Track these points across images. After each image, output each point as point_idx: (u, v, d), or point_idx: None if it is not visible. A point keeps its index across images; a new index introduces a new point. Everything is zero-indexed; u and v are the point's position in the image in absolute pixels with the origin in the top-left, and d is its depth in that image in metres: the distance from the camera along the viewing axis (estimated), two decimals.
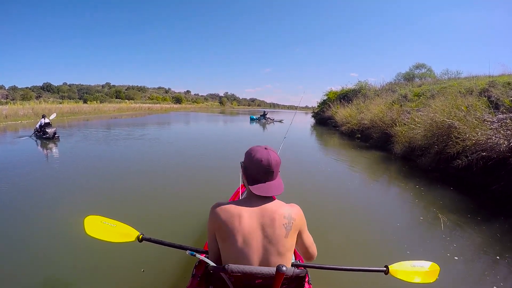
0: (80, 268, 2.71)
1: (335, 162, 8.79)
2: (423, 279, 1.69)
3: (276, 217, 1.31)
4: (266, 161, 1.35)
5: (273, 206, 1.35)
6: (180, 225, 3.71)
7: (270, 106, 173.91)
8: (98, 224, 1.74)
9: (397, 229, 3.94)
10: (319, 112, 27.48)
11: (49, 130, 10.56)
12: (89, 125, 18.32)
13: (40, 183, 5.42)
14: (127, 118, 26.53)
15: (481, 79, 11.29)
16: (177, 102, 77.35)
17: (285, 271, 1.11)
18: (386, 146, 10.03)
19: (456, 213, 4.44)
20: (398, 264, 1.71)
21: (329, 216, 4.29)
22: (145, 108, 41.93)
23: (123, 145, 10.16)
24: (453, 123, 6.73)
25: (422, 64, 25.45)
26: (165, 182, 5.81)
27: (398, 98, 13.44)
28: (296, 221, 1.36)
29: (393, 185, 6.47)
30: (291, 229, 1.33)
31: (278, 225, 1.30)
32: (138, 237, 1.72)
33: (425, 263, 1.73)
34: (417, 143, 7.81)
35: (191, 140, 13.09)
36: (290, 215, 1.35)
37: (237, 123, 27.35)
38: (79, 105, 34.62)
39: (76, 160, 7.62)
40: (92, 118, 24.19)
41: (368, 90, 20.46)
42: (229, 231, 1.28)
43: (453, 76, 18.36)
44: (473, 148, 5.85)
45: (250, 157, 1.39)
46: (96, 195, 4.78)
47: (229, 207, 1.32)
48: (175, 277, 2.56)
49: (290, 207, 1.40)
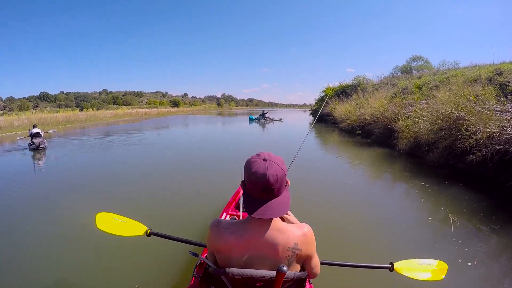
0: (86, 265, 2.86)
1: (336, 160, 8.43)
2: (430, 276, 1.63)
3: (279, 249, 1.16)
4: (263, 177, 1.11)
5: (277, 235, 1.16)
6: (185, 222, 3.87)
7: (268, 105, 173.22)
8: (109, 219, 1.85)
9: (404, 230, 3.63)
10: (317, 109, 27.02)
11: (36, 141, 10.23)
12: (86, 133, 17.99)
13: (50, 188, 5.73)
14: (124, 124, 26.19)
15: (484, 68, 10.80)
16: (175, 106, 76.92)
17: (286, 271, 1.05)
18: (389, 142, 9.55)
19: (467, 213, 4.04)
20: (404, 262, 1.66)
21: (332, 215, 4.14)
22: (141, 113, 41.27)
23: (121, 151, 10.18)
24: (462, 114, 6.26)
25: (419, 57, 25.07)
26: (169, 183, 5.96)
27: (398, 91, 12.93)
28: (302, 251, 1.19)
29: (398, 183, 6.10)
30: (294, 261, 1.20)
31: (280, 258, 1.17)
32: (147, 232, 1.81)
33: (432, 261, 1.68)
34: (423, 138, 7.30)
35: (189, 143, 12.65)
36: (296, 245, 1.17)
37: (236, 124, 26.93)
38: (75, 113, 33.89)
39: (75, 166, 7.78)
40: (89, 126, 23.87)
41: (366, 84, 20.00)
42: (226, 260, 1.21)
43: (451, 67, 17.91)
44: (487, 142, 5.36)
45: (246, 171, 1.17)
46: (107, 197, 5.12)
47: (226, 237, 1.19)
48: (177, 277, 2.58)
49: (298, 233, 1.19)
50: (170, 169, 7.18)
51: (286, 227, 1.19)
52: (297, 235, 1.18)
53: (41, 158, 9.05)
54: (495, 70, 9.37)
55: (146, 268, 2.74)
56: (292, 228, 1.20)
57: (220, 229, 1.21)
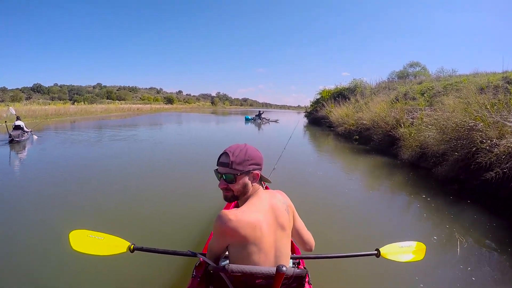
0: (74, 283, 2.41)
1: (331, 166, 7.79)
2: (411, 258, 1.72)
3: (279, 205, 1.33)
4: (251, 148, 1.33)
5: (273, 196, 1.37)
6: (174, 229, 3.45)
7: (263, 106, 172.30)
8: (85, 238, 1.59)
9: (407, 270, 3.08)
10: (312, 111, 26.34)
11: (13, 133, 9.59)
12: (74, 128, 17.02)
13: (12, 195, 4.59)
14: (115, 119, 25.05)
15: (491, 76, 10.19)
16: (169, 103, 75.46)
17: (285, 271, 1.08)
18: (390, 150, 8.85)
19: (476, 234, 3.52)
20: (387, 246, 1.73)
21: (326, 233, 3.48)
22: (134, 109, 40.11)
23: (103, 149, 9.34)
24: (476, 124, 5.58)
25: (416, 63, 24.64)
26: (154, 186, 5.18)
27: (397, 96, 12.23)
28: (288, 203, 1.40)
29: (398, 195, 5.52)
30: (289, 212, 1.37)
31: (284, 213, 1.32)
32: (130, 248, 1.59)
33: (412, 243, 1.77)
34: (431, 148, 6.60)
35: (181, 143, 11.69)
36: (282, 198, 1.39)
37: (231, 124, 26.13)
38: (65, 106, 32.38)
39: (51, 167, 6.58)
40: (79, 120, 22.73)
41: (363, 88, 19.35)
42: (250, 243, 1.19)
43: (449, 74, 17.35)
44: (509, 158, 4.67)
45: (242, 151, 1.29)
46: (80, 206, 4.11)
47: (248, 218, 1.19)
48: (175, 278, 2.45)
49: (277, 192, 1.43)
50: (153, 173, 6.18)
51: (271, 190, 1.45)
52: (277, 192, 1.42)
53: (10, 155, 8.09)
54: (503, 78, 8.77)
55: (138, 275, 2.50)
56: (272, 190, 1.45)
57: (239, 215, 1.19)
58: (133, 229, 3.38)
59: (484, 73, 11.81)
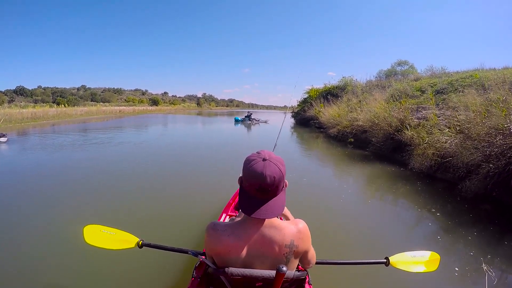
0: (81, 276, 2.45)
1: (328, 173, 6.41)
2: (424, 269, 1.58)
3: (276, 247, 1.12)
4: (260, 177, 1.05)
5: (274, 233, 1.12)
6: (179, 228, 3.40)
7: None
8: (98, 232, 1.67)
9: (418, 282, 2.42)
10: (299, 111, 24.97)
11: None
12: (41, 132, 14.90)
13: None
14: (96, 122, 23.11)
15: (506, 71, 8.99)
16: (154, 104, 72.68)
17: (285, 271, 1.01)
18: (395, 156, 7.49)
19: (507, 265, 2.85)
20: (398, 255, 1.60)
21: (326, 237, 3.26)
22: (116, 111, 37.85)
23: (103, 152, 8.67)
24: None
25: (404, 61, 23.52)
26: (160, 187, 5.15)
27: (393, 94, 10.87)
28: (299, 247, 1.15)
29: (409, 212, 4.40)
30: (292, 257, 1.15)
31: (279, 256, 1.13)
32: (138, 243, 1.65)
33: (426, 253, 1.63)
34: (458, 158, 5.16)
35: (178, 144, 10.12)
36: (292, 242, 1.13)
37: (218, 126, 24.46)
38: (44, 109, 29.68)
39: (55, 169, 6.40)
40: (59, 123, 20.37)
41: (354, 86, 18.05)
42: (225, 262, 1.13)
43: (438, 72, 16.16)
44: None
45: (245, 168, 1.10)
46: (93, 204, 4.19)
47: (224, 239, 1.12)
48: (175, 279, 2.39)
49: (294, 229, 1.15)
50: (161, 172, 6.25)
51: (282, 224, 1.15)
52: (293, 232, 1.14)
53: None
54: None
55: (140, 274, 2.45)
56: (287, 225, 1.15)
57: (217, 232, 1.14)
58: (140, 227, 3.41)
59: (483, 69, 10.60)
